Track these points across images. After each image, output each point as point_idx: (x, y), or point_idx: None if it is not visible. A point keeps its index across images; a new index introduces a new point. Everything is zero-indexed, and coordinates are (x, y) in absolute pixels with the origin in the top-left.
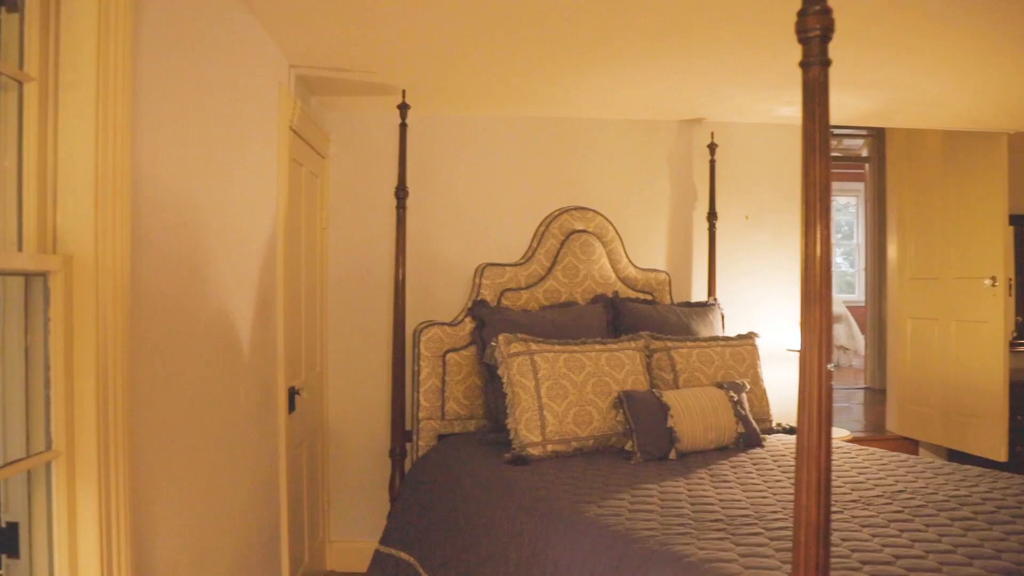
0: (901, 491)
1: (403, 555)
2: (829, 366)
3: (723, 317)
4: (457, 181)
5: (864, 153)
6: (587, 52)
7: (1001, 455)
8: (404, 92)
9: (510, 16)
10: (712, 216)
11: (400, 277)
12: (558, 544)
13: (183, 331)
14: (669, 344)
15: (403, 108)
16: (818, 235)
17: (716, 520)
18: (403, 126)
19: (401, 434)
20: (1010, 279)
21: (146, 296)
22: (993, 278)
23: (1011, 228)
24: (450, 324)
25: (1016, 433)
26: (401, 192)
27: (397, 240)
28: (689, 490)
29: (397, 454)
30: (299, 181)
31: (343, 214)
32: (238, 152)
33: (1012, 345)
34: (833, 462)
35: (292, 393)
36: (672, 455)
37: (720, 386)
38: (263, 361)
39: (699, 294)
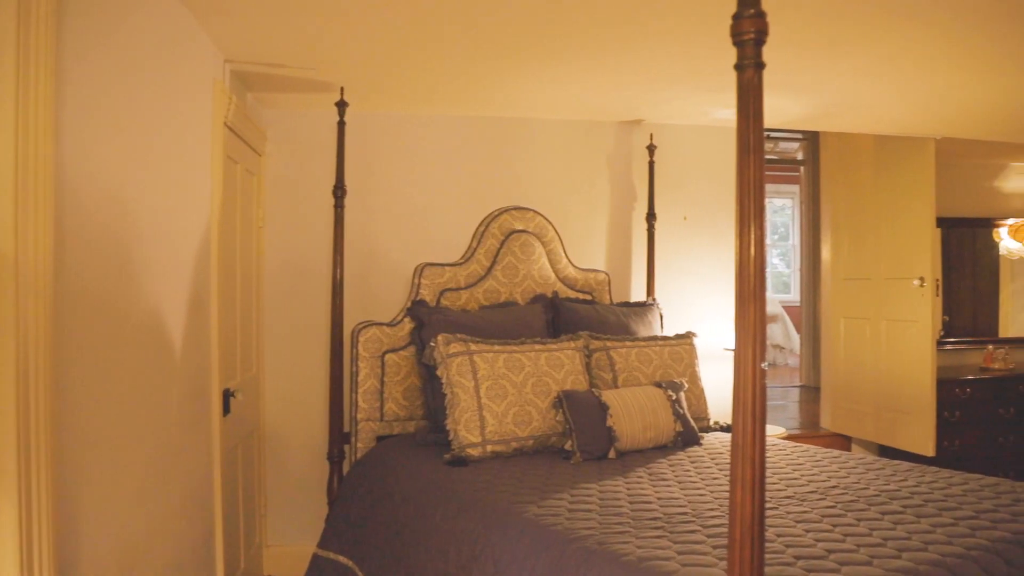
0: (834, 487)
1: (341, 559)
2: (763, 365)
3: (662, 317)
4: (397, 180)
5: (799, 156)
6: (527, 51)
7: (929, 450)
8: (342, 89)
9: (450, 14)
10: (651, 217)
11: (338, 277)
12: (497, 545)
13: (112, 332)
14: (608, 344)
15: (341, 106)
16: (752, 235)
17: (654, 518)
18: (341, 124)
19: (339, 436)
20: (937, 280)
21: (72, 296)
22: (921, 279)
23: (938, 230)
24: (389, 324)
25: (943, 429)
26: (339, 191)
27: (335, 239)
28: (628, 489)
29: (335, 456)
30: (234, 179)
31: (280, 212)
32: (171, 149)
33: (939, 344)
34: (769, 459)
35: (227, 395)
36: (611, 454)
37: (659, 385)
38: (196, 362)
39: (638, 294)
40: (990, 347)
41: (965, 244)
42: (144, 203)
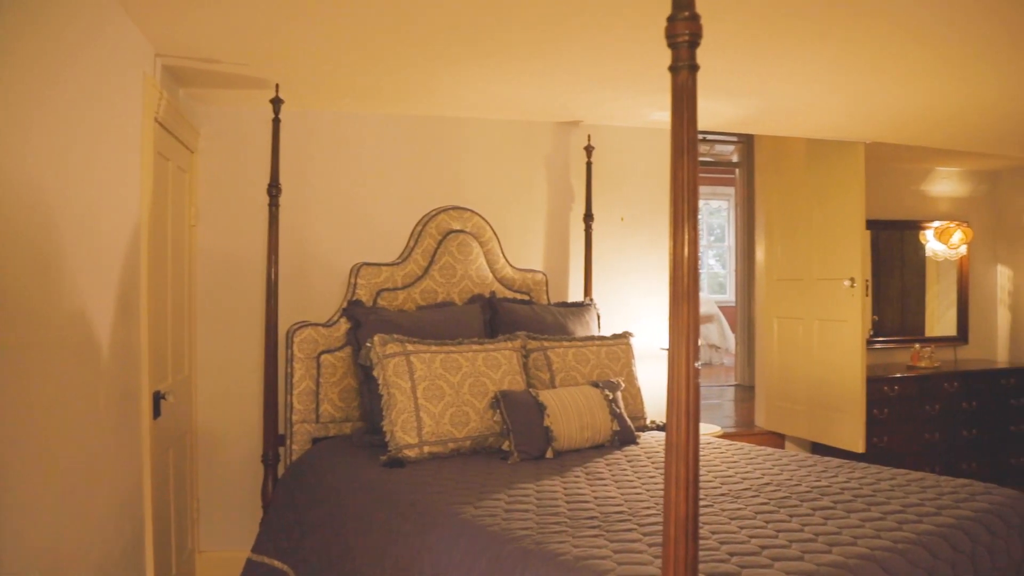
0: (767, 484)
1: (276, 563)
2: (697, 364)
3: (599, 317)
4: (334, 179)
5: (735, 159)
6: (462, 50)
7: (859, 447)
8: (277, 86)
9: (384, 12)
10: (588, 217)
11: (273, 277)
12: (435, 547)
13: (33, 334)
14: (546, 344)
15: (276, 103)
16: (686, 235)
17: (591, 517)
18: (276, 121)
19: (274, 438)
20: (867, 280)
21: None
22: (852, 279)
23: (868, 232)
24: (324, 325)
25: (872, 425)
26: (274, 189)
27: (269, 238)
28: (565, 488)
29: (270, 459)
30: (165, 176)
31: (213, 211)
32: (97, 145)
33: (869, 343)
34: (704, 457)
35: (157, 398)
36: (549, 454)
37: (596, 385)
38: (125, 365)
39: (576, 294)
40: (917, 346)
41: (894, 246)
42: (68, 201)
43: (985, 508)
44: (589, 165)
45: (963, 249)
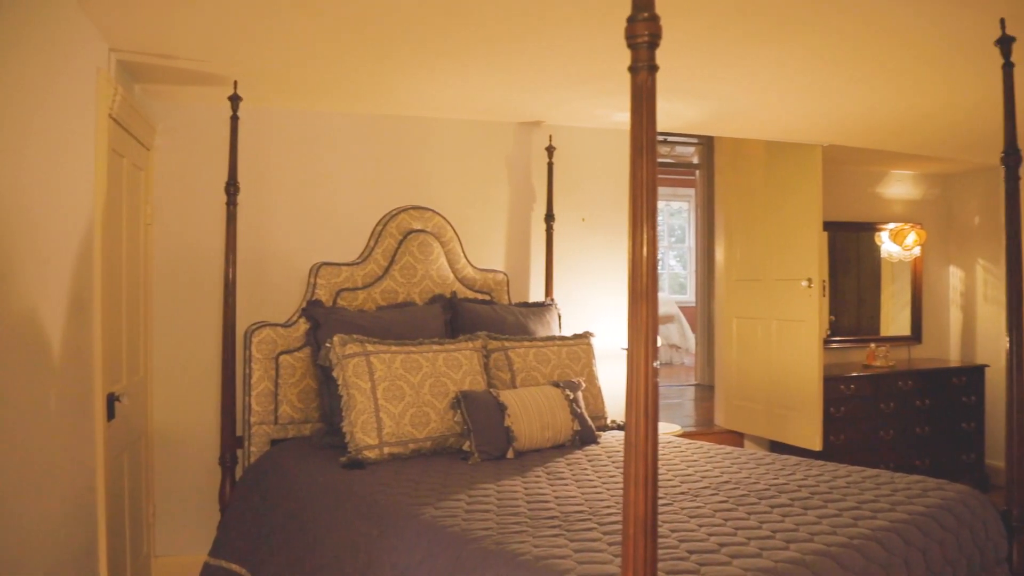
0: (726, 482)
1: (234, 567)
2: (655, 363)
3: (560, 317)
4: (293, 177)
5: (695, 160)
6: (423, 49)
7: (816, 444)
8: (236, 83)
9: (347, 8)
10: (550, 218)
11: (230, 276)
12: (395, 548)
13: None
14: (507, 344)
15: (235, 100)
16: (644, 235)
17: (551, 517)
18: (234, 118)
19: (232, 440)
20: (824, 281)
21: None
22: (809, 280)
23: (825, 233)
24: (283, 325)
25: (829, 424)
26: (232, 187)
27: (227, 238)
28: (526, 488)
29: (227, 461)
30: (120, 173)
31: (170, 209)
32: (49, 142)
33: (826, 342)
34: (664, 456)
35: (111, 399)
36: (510, 454)
37: (556, 385)
38: (78, 366)
39: (537, 294)
40: (872, 345)
41: (850, 247)
42: (17, 199)
43: (937, 504)
44: (550, 165)
45: (917, 250)
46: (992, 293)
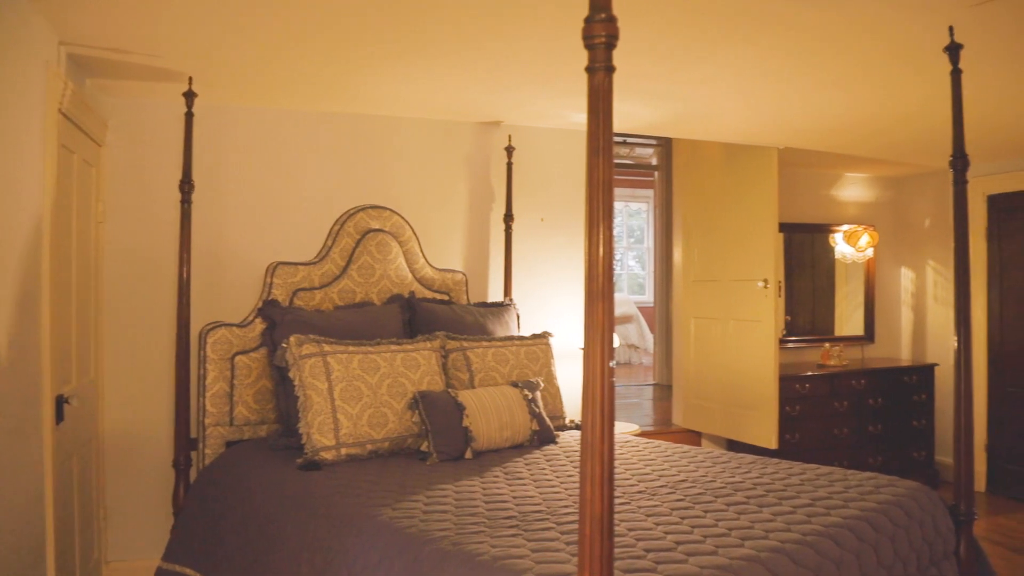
0: (683, 481)
1: (188, 571)
2: (611, 363)
3: (519, 317)
4: (249, 176)
5: (654, 161)
6: (383, 47)
7: (772, 443)
8: (191, 79)
9: (303, 5)
10: (509, 218)
11: (185, 275)
12: (351, 550)
13: None
14: (465, 344)
15: (189, 96)
16: (601, 235)
17: (509, 517)
18: (189, 115)
19: (186, 442)
20: (780, 282)
21: None
22: (765, 280)
23: (781, 235)
24: (239, 325)
25: (785, 422)
26: (187, 185)
27: (182, 236)
28: (484, 489)
29: (181, 464)
30: (70, 170)
31: (123, 207)
32: None
33: (782, 342)
34: (622, 455)
35: (60, 401)
36: (468, 454)
37: (515, 385)
38: (24, 367)
39: (495, 294)
40: (827, 345)
41: (805, 248)
42: None
43: (888, 500)
44: (510, 165)
45: (870, 252)
46: (941, 294)
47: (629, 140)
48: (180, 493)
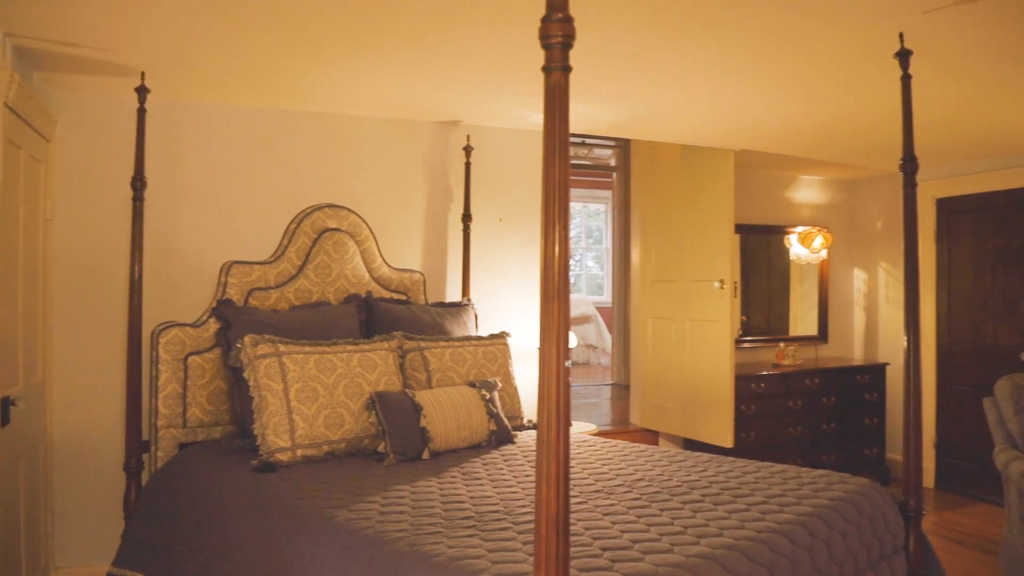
0: (640, 479)
1: None
2: (567, 363)
3: (477, 317)
4: (204, 173)
5: (612, 163)
6: (341, 45)
7: (728, 442)
8: (143, 74)
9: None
10: (467, 217)
11: (136, 274)
12: (306, 552)
13: None
14: (423, 344)
15: (142, 91)
16: (556, 235)
17: (467, 518)
18: (141, 111)
19: (137, 444)
20: (736, 282)
21: None
22: (721, 281)
23: (737, 236)
24: (192, 325)
25: (740, 421)
26: (139, 183)
27: (133, 235)
28: (441, 489)
29: (132, 466)
30: (16, 165)
31: (72, 204)
32: None
33: (738, 342)
34: (579, 455)
35: (6, 403)
36: (425, 455)
37: (472, 385)
38: None
39: (453, 294)
40: (782, 344)
41: (760, 249)
42: None
43: (840, 497)
44: (468, 165)
45: (824, 253)
46: (893, 294)
47: (588, 141)
48: (131, 496)
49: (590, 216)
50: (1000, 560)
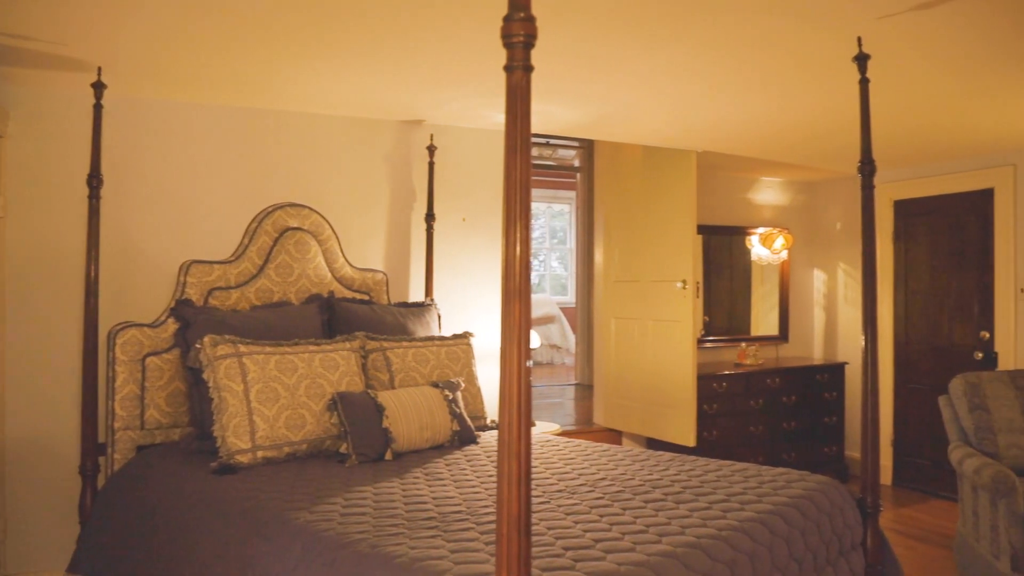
0: (603, 479)
1: None
2: (528, 362)
3: (440, 317)
4: (162, 171)
5: (576, 163)
6: (304, 43)
7: (690, 441)
8: (100, 70)
9: None
10: (430, 217)
11: (93, 274)
12: (267, 555)
13: None
14: (385, 344)
15: (98, 87)
16: (518, 234)
17: (429, 519)
18: (98, 107)
19: (93, 447)
20: (698, 283)
21: None
22: (684, 281)
23: (699, 237)
24: (150, 325)
25: (703, 420)
26: (95, 180)
27: (89, 233)
28: (404, 490)
29: (88, 470)
30: None
31: (26, 201)
32: None
33: (700, 342)
34: (542, 455)
35: None
36: (388, 456)
37: (436, 385)
38: None
39: (416, 294)
40: (743, 344)
41: (723, 250)
42: None
43: (799, 494)
44: (431, 165)
45: (784, 254)
46: (852, 295)
47: (552, 142)
48: (87, 500)
49: (554, 216)
50: (955, 554)
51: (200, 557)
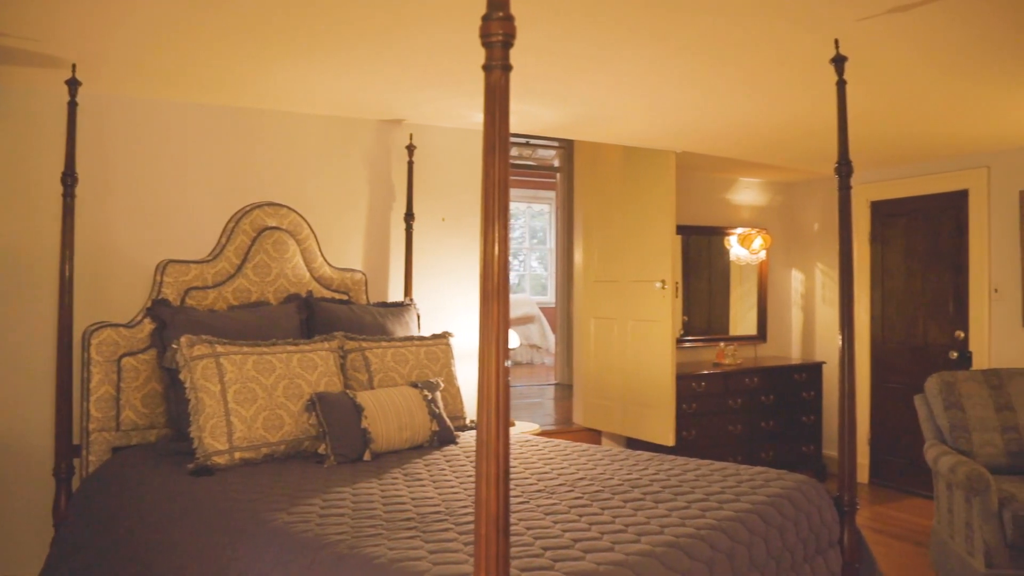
0: (581, 478)
1: None
2: (506, 362)
3: (419, 317)
4: (139, 169)
5: (556, 163)
6: (283, 39)
7: (670, 440)
8: (74, 66)
9: None
10: (409, 217)
11: (67, 273)
12: (244, 557)
13: None
14: (364, 344)
15: (73, 84)
16: (496, 234)
17: (408, 519)
18: (72, 104)
19: (67, 449)
20: (677, 283)
21: None
22: (663, 281)
23: (679, 237)
24: (126, 325)
25: (682, 420)
26: (69, 178)
27: (63, 232)
28: (382, 491)
29: (62, 472)
30: None
31: None
32: None
33: (679, 342)
34: (522, 455)
35: None
36: (367, 456)
37: (415, 385)
38: None
39: (396, 294)
40: (722, 344)
41: (702, 250)
42: None
43: (777, 493)
44: (411, 164)
45: (763, 254)
46: (829, 295)
47: (532, 142)
48: (61, 503)
49: (534, 216)
50: (930, 551)
51: (178, 559)
